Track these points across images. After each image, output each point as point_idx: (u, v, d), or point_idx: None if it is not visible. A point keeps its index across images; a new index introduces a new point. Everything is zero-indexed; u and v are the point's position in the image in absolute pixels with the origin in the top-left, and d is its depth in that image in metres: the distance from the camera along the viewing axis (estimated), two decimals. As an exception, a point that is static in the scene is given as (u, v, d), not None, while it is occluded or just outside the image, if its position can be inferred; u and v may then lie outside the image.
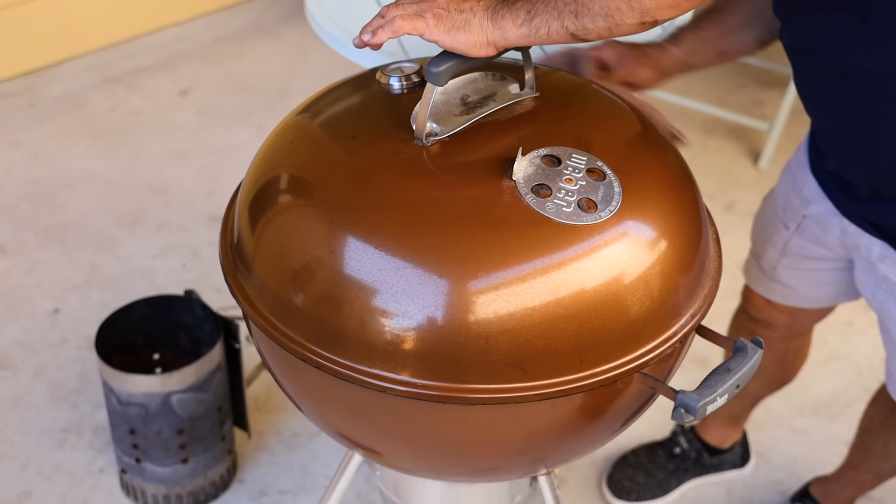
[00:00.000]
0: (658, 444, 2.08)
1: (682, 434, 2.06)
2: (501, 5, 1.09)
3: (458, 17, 1.09)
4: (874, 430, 1.80)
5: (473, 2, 1.10)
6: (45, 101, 3.10)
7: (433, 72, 1.10)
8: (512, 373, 1.03)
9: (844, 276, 1.59)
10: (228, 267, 1.19)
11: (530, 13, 1.07)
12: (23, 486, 2.02)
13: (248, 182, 1.20)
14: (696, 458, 2.06)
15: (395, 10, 1.11)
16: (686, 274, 1.13)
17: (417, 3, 1.11)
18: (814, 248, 1.56)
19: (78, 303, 2.41)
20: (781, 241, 1.61)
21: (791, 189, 1.57)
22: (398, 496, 1.48)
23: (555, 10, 1.06)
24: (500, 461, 1.18)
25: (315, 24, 1.86)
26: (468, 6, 1.09)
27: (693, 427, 2.07)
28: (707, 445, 2.06)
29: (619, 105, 1.25)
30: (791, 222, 1.58)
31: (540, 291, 1.03)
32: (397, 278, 1.03)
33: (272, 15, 3.54)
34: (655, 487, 2.03)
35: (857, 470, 1.88)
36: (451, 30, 1.09)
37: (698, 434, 2.07)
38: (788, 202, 1.58)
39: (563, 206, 1.06)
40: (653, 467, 2.04)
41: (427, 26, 1.09)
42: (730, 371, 1.09)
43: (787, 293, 1.68)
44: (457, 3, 1.10)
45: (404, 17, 1.09)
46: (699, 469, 2.06)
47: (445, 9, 1.09)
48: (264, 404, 2.18)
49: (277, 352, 1.12)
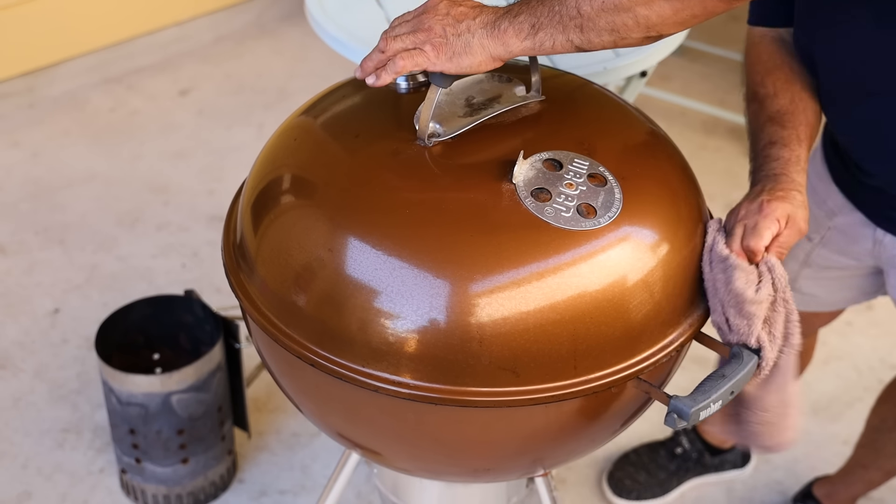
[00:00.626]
0: (660, 443, 2.08)
1: (683, 434, 2.07)
2: (503, 18, 1.08)
3: (457, 42, 1.08)
4: (887, 428, 1.80)
5: (469, 20, 1.09)
6: (45, 101, 3.10)
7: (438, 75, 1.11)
8: (505, 377, 1.03)
9: (866, 281, 1.58)
10: (231, 266, 1.19)
11: (534, 27, 1.07)
12: (23, 486, 2.02)
13: (252, 181, 1.20)
14: (697, 458, 2.06)
15: (395, 44, 1.10)
16: (684, 282, 1.12)
17: (414, 34, 1.09)
18: (838, 259, 1.55)
19: (78, 303, 2.41)
20: (803, 253, 1.60)
21: (813, 201, 1.51)
22: (396, 496, 1.48)
23: (559, 25, 1.06)
24: (496, 462, 1.18)
25: (315, 24, 1.86)
26: (465, 26, 1.08)
27: (695, 427, 2.07)
28: (708, 445, 2.06)
29: (625, 110, 1.24)
30: (815, 234, 1.56)
31: (535, 296, 1.02)
32: (395, 279, 1.03)
33: (272, 15, 3.54)
34: (656, 487, 2.03)
35: (866, 469, 1.88)
36: (454, 57, 1.08)
37: (700, 434, 2.07)
38: (811, 214, 1.56)
39: (562, 210, 1.06)
40: (654, 467, 2.05)
41: (428, 59, 1.08)
42: (724, 377, 1.08)
43: (806, 300, 1.66)
44: (453, 25, 1.09)
45: (404, 55, 1.09)
46: (700, 469, 2.06)
47: (443, 35, 1.08)
48: (264, 404, 2.18)
49: (277, 351, 1.12)
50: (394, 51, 1.10)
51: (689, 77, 3.26)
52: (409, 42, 1.09)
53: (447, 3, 1.10)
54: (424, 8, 1.11)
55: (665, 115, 3.11)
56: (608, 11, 1.04)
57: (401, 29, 1.11)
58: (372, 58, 1.12)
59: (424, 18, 1.09)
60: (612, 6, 1.04)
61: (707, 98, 3.22)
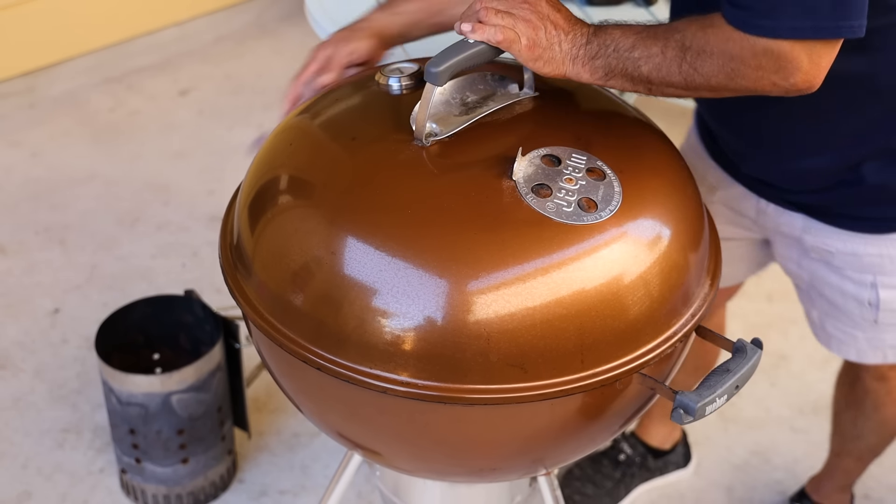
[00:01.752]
0: (601, 453, 2.04)
1: (623, 440, 2.05)
2: (584, 51, 1.15)
3: (546, 50, 1.14)
4: (840, 410, 1.84)
5: (562, 34, 1.15)
6: (45, 101, 3.10)
7: (432, 72, 1.10)
8: (513, 373, 1.03)
9: (759, 252, 1.65)
10: (228, 267, 1.19)
11: (607, 75, 1.15)
12: (23, 486, 2.02)
13: (248, 182, 1.20)
14: (641, 463, 2.04)
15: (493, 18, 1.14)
16: (686, 273, 1.13)
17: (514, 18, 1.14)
18: (727, 229, 1.59)
19: (78, 303, 2.41)
20: None
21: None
22: (398, 496, 1.48)
23: (629, 82, 1.15)
24: (499, 461, 1.18)
25: (315, 24, 1.86)
26: (556, 38, 1.15)
27: (633, 432, 2.06)
28: (650, 448, 2.04)
29: (619, 104, 1.25)
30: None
31: (541, 291, 1.03)
32: (398, 279, 1.03)
33: (272, 15, 3.54)
34: (605, 497, 2.00)
35: (838, 457, 1.91)
36: (538, 60, 1.14)
37: (640, 438, 2.05)
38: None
39: (563, 205, 1.06)
40: (600, 477, 2.01)
41: (520, 51, 1.14)
42: (729, 371, 1.08)
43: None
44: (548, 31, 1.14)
45: (503, 30, 1.13)
46: (645, 473, 2.04)
47: (537, 35, 1.14)
48: (264, 404, 2.18)
49: (277, 352, 1.12)
50: (491, 21, 1.13)
51: (690, 77, 3.26)
52: (509, 22, 1.13)
53: (548, 4, 1.15)
54: None
55: (665, 115, 3.11)
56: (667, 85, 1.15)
57: (500, 4, 1.15)
58: (470, 15, 1.16)
59: (526, 8, 1.14)
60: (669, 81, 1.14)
61: (707, 98, 3.21)
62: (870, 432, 1.81)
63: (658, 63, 1.13)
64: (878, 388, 1.72)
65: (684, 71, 1.12)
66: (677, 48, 1.12)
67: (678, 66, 1.12)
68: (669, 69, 1.13)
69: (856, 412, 1.79)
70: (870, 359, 1.60)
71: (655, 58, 1.13)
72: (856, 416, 1.80)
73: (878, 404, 1.75)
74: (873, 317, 1.51)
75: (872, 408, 1.76)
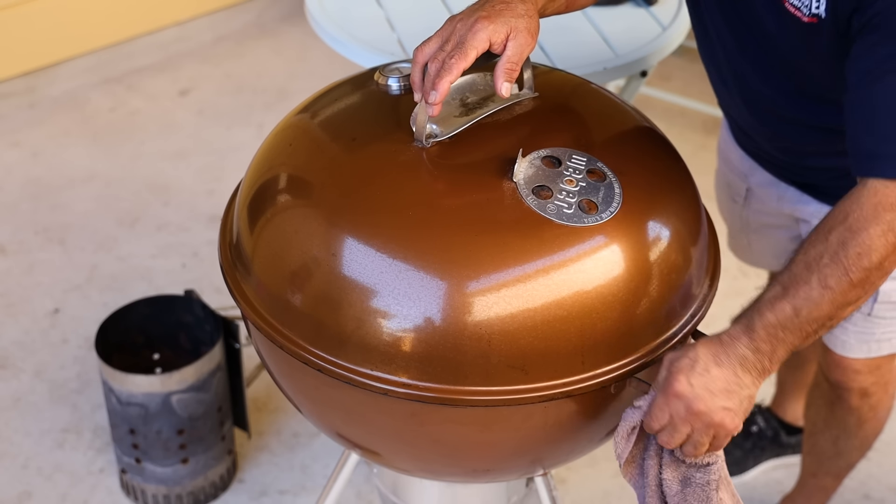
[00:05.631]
0: None
1: (759, 413, 2.02)
2: (768, 361, 1.08)
3: (745, 402, 1.08)
4: (817, 431, 1.79)
5: (745, 379, 1.08)
6: (45, 101, 3.10)
7: None
8: (514, 374, 1.03)
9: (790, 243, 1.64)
10: (227, 267, 1.19)
11: (797, 348, 1.10)
12: (23, 486, 2.02)
13: (247, 182, 1.20)
14: (773, 437, 2.01)
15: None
16: (686, 274, 1.13)
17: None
18: (765, 217, 1.62)
19: (78, 303, 2.41)
20: (739, 219, 1.70)
21: (728, 168, 1.66)
22: (396, 495, 1.48)
23: (820, 332, 1.10)
24: (496, 462, 1.18)
25: (315, 24, 1.86)
26: (746, 388, 1.08)
27: (769, 406, 2.04)
28: (784, 423, 2.02)
29: (619, 105, 1.25)
30: (738, 196, 1.66)
31: (542, 293, 1.03)
32: (398, 280, 1.03)
33: (272, 15, 3.54)
34: (732, 466, 1.96)
35: (816, 477, 1.86)
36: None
37: (774, 412, 2.03)
38: (731, 179, 1.67)
39: (563, 207, 1.06)
40: (729, 445, 1.99)
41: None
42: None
43: (767, 262, 1.79)
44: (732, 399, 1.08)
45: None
46: (776, 448, 2.02)
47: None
48: (264, 404, 2.18)
49: (276, 353, 1.12)
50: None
51: (689, 77, 3.25)
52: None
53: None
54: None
55: (665, 115, 3.11)
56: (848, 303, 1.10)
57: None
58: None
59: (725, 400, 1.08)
60: (846, 299, 1.09)
61: (707, 98, 3.21)
62: (852, 449, 1.77)
63: (829, 295, 1.06)
64: (862, 405, 1.68)
65: (853, 271, 1.06)
66: (832, 263, 1.06)
67: (845, 273, 1.06)
68: (840, 284, 1.06)
69: (838, 432, 1.75)
70: (854, 353, 1.58)
71: (821, 293, 1.06)
72: (837, 437, 1.75)
73: (863, 421, 1.71)
74: (867, 309, 1.51)
75: (857, 425, 1.72)
